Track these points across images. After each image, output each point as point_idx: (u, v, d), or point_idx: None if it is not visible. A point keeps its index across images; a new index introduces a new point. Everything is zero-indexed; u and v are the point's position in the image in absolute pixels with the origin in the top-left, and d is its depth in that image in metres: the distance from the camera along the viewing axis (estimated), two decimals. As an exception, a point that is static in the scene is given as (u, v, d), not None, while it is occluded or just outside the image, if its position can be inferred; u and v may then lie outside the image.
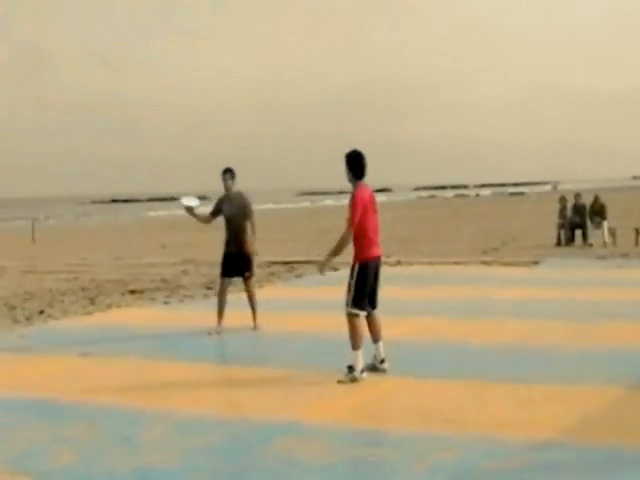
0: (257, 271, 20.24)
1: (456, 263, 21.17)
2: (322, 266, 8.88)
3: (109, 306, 15.33)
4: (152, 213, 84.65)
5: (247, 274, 11.87)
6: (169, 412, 7.58)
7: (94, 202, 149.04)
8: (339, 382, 8.37)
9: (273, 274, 19.84)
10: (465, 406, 7.46)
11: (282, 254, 24.49)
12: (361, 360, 8.50)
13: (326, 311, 13.01)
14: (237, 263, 11.81)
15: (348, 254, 8.75)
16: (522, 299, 14.08)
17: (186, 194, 12.65)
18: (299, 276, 19.27)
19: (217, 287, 12.61)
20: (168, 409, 7.69)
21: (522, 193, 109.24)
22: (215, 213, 11.95)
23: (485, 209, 62.18)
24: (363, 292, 8.54)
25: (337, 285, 16.67)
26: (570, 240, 26.09)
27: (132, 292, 17.20)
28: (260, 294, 15.96)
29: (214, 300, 15.46)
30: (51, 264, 24.88)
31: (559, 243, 25.93)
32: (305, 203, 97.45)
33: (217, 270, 20.63)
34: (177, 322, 12.92)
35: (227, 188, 11.82)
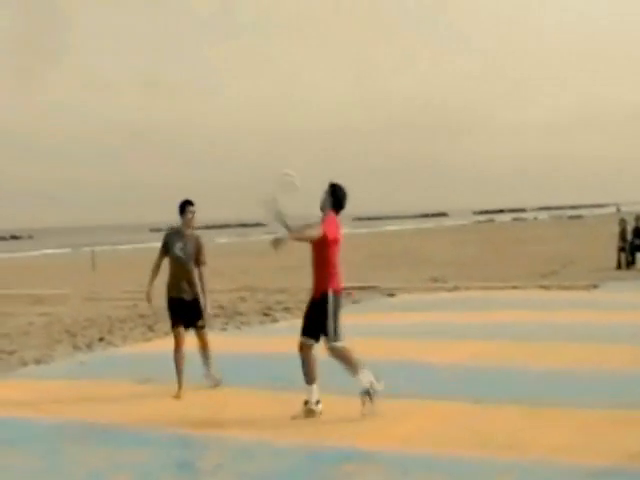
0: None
1: (514, 287, 21.00)
2: (277, 244, 8.26)
3: (167, 333, 15.41)
4: (218, 240, 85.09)
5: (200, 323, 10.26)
6: (226, 438, 7.63)
7: (152, 229, 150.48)
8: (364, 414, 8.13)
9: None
10: (524, 431, 7.39)
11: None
12: (370, 377, 8.34)
13: (383, 336, 13.01)
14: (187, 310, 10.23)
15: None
16: (582, 322, 13.91)
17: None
18: (356, 302, 19.25)
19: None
20: (225, 435, 7.73)
21: (580, 216, 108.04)
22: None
23: (543, 232, 61.58)
24: (339, 322, 8.44)
25: (392, 312, 16.78)
26: (631, 263, 25.75)
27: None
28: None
29: (271, 327, 15.59)
30: (110, 291, 25.19)
31: (619, 266, 25.60)
32: (360, 229, 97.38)
33: (274, 297, 20.94)
34: (235, 349, 12.97)
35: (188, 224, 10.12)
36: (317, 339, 8.51)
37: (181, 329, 10.14)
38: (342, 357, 8.43)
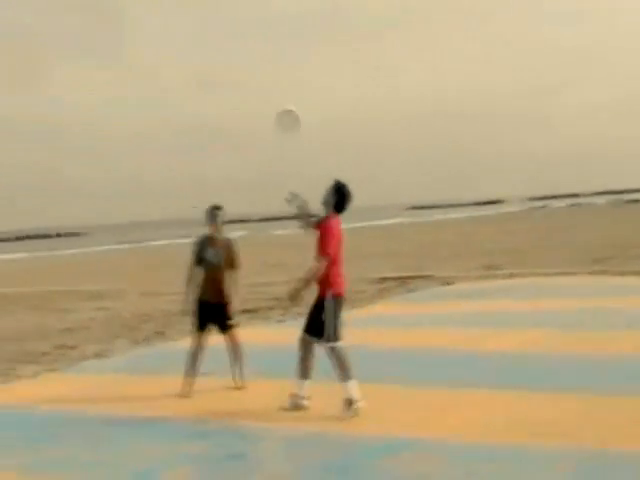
0: (368, 287, 20.38)
1: (569, 274, 20.79)
2: (294, 296, 8.45)
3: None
4: (274, 232, 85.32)
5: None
6: (283, 430, 7.68)
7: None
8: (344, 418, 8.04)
9: (385, 290, 19.83)
10: (580, 419, 7.34)
11: (393, 269, 24.47)
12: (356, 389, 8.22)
13: (440, 326, 12.98)
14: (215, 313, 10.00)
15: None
16: (638, 309, 13.73)
17: None
18: (411, 291, 19.21)
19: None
20: (282, 427, 7.78)
21: (638, 200, 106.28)
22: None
23: (599, 218, 60.81)
24: (339, 323, 8.40)
25: (451, 300, 16.71)
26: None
27: (246, 311, 17.43)
28: (372, 310, 16.03)
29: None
30: (166, 285, 25.43)
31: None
32: (415, 217, 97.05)
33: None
34: (292, 340, 13.01)
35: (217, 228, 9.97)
36: (317, 337, 8.49)
37: (205, 333, 9.95)
38: (340, 358, 8.39)
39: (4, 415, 9.18)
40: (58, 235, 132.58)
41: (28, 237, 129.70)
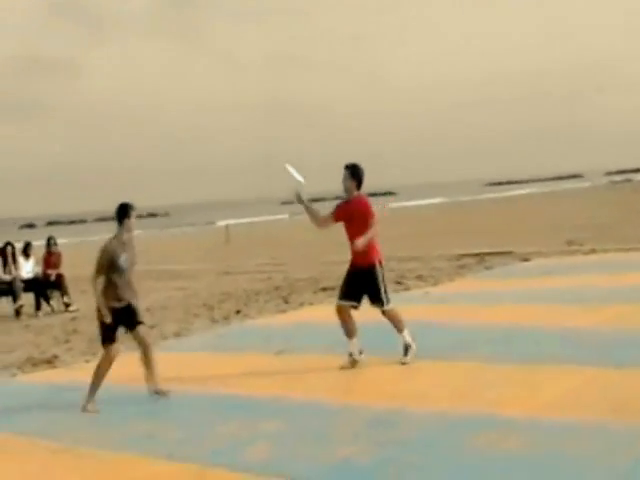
0: (446, 264, 20.22)
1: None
2: (302, 200, 9.38)
3: (302, 304, 15.62)
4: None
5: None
6: (362, 407, 7.66)
7: (283, 203, 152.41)
8: (403, 364, 9.17)
9: (463, 267, 19.64)
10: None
11: (471, 246, 24.23)
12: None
13: (520, 302, 12.80)
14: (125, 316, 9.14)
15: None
16: None
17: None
18: (489, 268, 18.99)
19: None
20: (361, 404, 7.77)
21: None
22: None
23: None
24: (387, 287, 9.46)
25: (528, 277, 16.48)
26: None
27: (324, 289, 17.45)
28: (451, 287, 15.89)
29: (404, 295, 15.53)
30: (245, 265, 25.62)
31: None
32: (493, 194, 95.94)
33: (406, 265, 20.85)
34: (368, 318, 12.98)
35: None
36: (358, 302, 9.49)
37: (118, 344, 9.10)
38: (396, 318, 9.47)
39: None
40: (139, 216, 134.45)
41: (107, 219, 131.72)
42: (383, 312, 9.47)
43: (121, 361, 11.21)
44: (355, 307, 9.58)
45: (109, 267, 8.90)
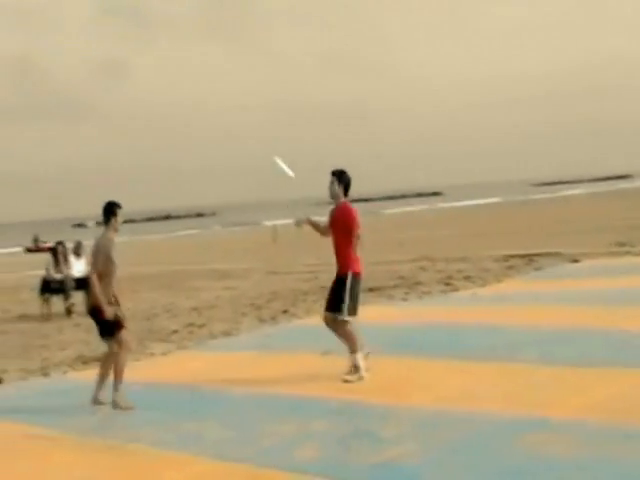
0: (495, 265, 20.09)
1: None
2: (301, 223, 9.58)
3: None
4: (388, 211, 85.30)
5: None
6: (408, 408, 7.65)
7: (318, 204, 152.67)
8: (345, 381, 8.79)
9: (511, 267, 19.50)
10: None
11: (520, 247, 24.05)
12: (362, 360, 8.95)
13: (567, 304, 12.70)
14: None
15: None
16: None
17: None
18: (538, 269, 18.84)
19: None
20: (408, 405, 7.76)
21: None
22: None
23: None
24: (355, 301, 9.13)
25: (578, 278, 16.32)
26: None
27: (371, 290, 17.43)
28: (499, 288, 15.80)
29: (452, 296, 15.49)
30: (292, 264, 25.68)
31: None
32: (541, 194, 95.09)
33: (455, 266, 20.77)
34: (416, 318, 12.98)
35: None
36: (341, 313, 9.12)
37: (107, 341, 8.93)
38: (346, 333, 9.09)
39: (141, 392, 9.43)
40: (186, 216, 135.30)
41: (155, 219, 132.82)
42: (335, 324, 9.18)
43: (170, 360, 11.33)
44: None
45: (104, 265, 8.71)
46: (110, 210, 8.91)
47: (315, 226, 9.55)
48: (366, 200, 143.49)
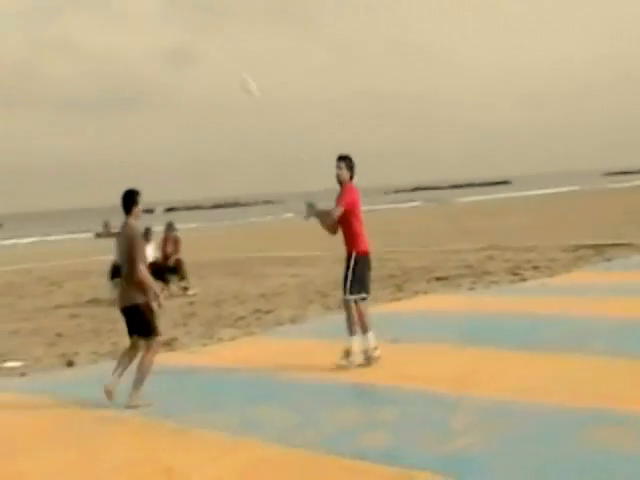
0: (563, 255, 19.85)
1: None
2: (308, 216, 9.67)
3: (416, 293, 15.59)
4: (460, 199, 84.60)
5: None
6: (477, 398, 7.61)
7: (397, 191, 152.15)
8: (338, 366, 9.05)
9: (580, 258, 19.25)
10: None
11: (589, 237, 23.72)
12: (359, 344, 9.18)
13: (638, 296, 12.49)
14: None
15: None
16: None
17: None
18: (608, 259, 18.55)
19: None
20: (476, 395, 7.71)
21: None
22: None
23: None
24: (359, 280, 9.32)
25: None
26: None
27: (438, 279, 17.38)
28: (568, 279, 15.60)
29: (521, 286, 15.34)
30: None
31: None
32: (612, 184, 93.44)
33: (523, 256, 20.58)
34: (484, 308, 12.88)
35: None
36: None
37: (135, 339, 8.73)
38: (347, 313, 9.30)
39: (208, 376, 9.54)
40: (254, 203, 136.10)
41: (223, 206, 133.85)
42: (342, 302, 9.55)
43: (237, 346, 11.42)
44: (364, 299, 9.58)
45: (141, 256, 8.59)
46: (131, 199, 8.64)
47: (322, 216, 9.59)
48: (435, 188, 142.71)
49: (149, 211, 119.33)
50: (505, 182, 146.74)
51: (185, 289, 18.61)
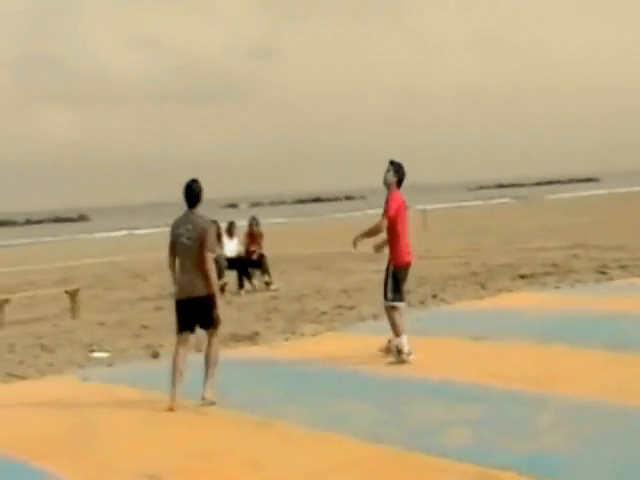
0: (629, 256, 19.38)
1: None
2: (355, 242, 9.96)
3: (499, 290, 15.43)
4: (552, 196, 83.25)
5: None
6: (560, 397, 7.50)
7: (481, 187, 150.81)
8: (389, 364, 9.30)
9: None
10: None
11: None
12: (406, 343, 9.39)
13: None
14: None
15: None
16: None
17: None
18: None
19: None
20: (559, 394, 7.61)
21: None
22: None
23: None
24: (398, 289, 9.66)
25: None
26: None
27: (522, 277, 17.16)
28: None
29: (606, 285, 15.05)
30: (442, 249, 25.50)
31: None
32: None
33: (610, 254, 20.17)
34: (568, 307, 12.68)
35: None
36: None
37: (187, 334, 8.88)
38: (390, 317, 9.61)
39: (291, 371, 9.59)
40: (335, 199, 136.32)
41: (305, 201, 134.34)
42: (385, 310, 9.77)
43: (320, 341, 11.44)
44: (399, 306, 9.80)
45: (212, 247, 8.56)
46: (199, 191, 8.56)
47: (367, 235, 9.99)
48: (519, 185, 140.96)
49: (233, 206, 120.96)
50: (592, 179, 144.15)
51: (268, 284, 18.73)
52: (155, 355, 11.41)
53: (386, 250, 10.03)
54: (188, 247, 8.45)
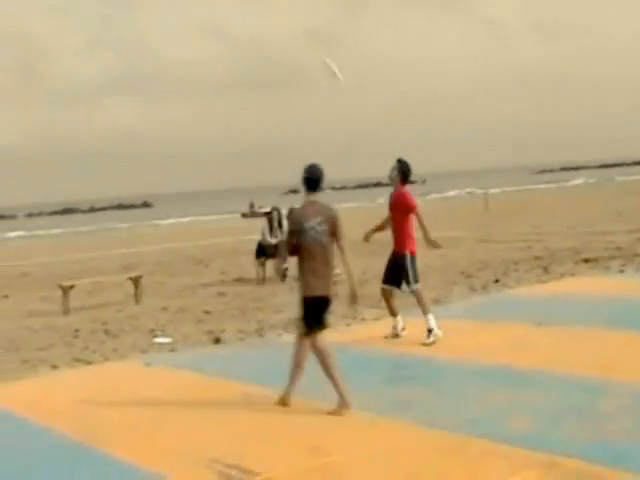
0: None
1: None
2: (367, 236, 11.02)
3: (562, 275, 15.25)
4: (620, 178, 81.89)
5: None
6: (625, 383, 7.39)
7: (543, 171, 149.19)
8: (425, 344, 9.73)
9: None
10: None
11: None
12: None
13: None
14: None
15: None
16: None
17: None
18: None
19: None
20: (624, 380, 7.50)
21: None
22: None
23: None
24: (417, 272, 10.29)
25: None
26: None
27: (586, 261, 16.94)
28: None
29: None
30: (504, 233, 25.29)
31: None
32: None
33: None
34: (633, 291, 12.49)
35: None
36: (398, 286, 10.32)
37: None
38: (419, 298, 10.12)
39: (352, 356, 9.58)
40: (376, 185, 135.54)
41: (363, 186, 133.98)
42: (412, 292, 10.19)
43: (381, 326, 11.42)
44: (398, 288, 10.37)
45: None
46: (321, 175, 7.85)
47: (375, 230, 10.87)
48: (583, 168, 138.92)
49: (294, 192, 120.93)
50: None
51: (330, 269, 18.71)
52: (217, 340, 11.50)
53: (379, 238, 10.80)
54: (319, 241, 7.69)
